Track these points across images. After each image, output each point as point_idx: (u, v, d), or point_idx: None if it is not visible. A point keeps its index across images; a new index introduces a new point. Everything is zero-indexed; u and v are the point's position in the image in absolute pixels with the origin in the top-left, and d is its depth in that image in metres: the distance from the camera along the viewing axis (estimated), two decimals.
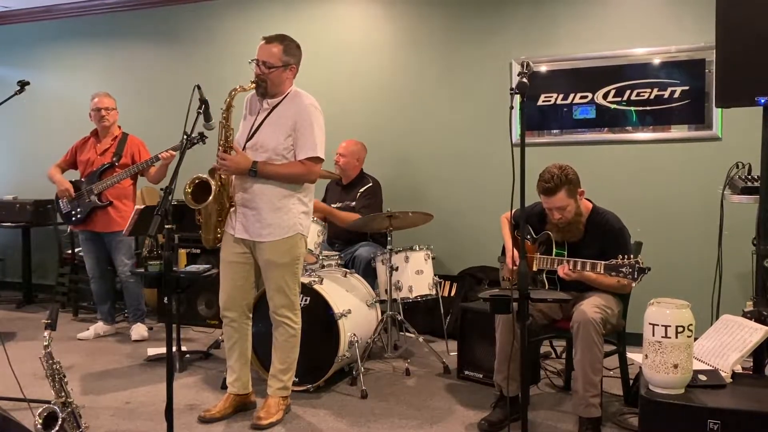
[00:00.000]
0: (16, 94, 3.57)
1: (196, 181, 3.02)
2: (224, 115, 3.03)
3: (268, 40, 3.10)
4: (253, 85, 3.05)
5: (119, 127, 4.73)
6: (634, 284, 2.88)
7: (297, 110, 3.07)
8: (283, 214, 3.07)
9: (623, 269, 2.83)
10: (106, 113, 4.60)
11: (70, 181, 4.64)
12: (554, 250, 3.18)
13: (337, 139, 4.78)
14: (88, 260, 4.74)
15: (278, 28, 5.41)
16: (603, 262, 2.91)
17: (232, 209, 3.13)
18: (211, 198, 2.98)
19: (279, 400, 3.18)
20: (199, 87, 2.87)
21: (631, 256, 2.87)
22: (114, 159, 4.55)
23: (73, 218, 4.61)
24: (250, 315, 3.28)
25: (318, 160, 3.10)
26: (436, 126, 5.05)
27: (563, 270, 3.00)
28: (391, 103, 5.17)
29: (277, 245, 3.07)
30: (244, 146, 3.09)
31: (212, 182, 2.98)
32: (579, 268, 2.98)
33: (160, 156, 4.31)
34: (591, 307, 2.91)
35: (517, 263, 2.33)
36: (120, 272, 4.68)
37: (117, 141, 4.63)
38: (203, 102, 2.85)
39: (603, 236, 3.09)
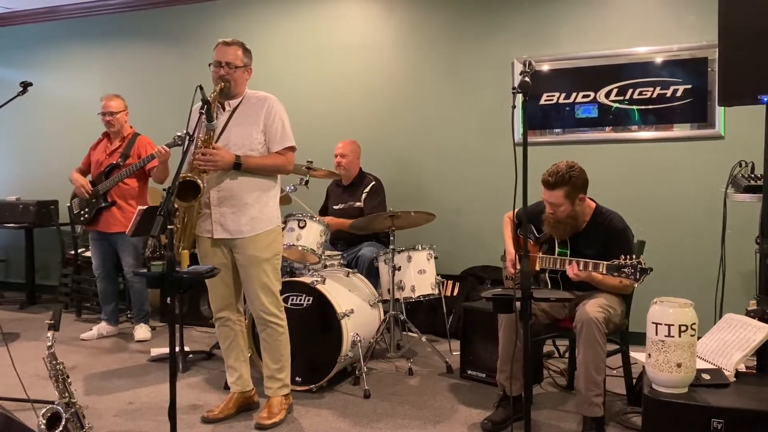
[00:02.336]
0: (19, 95, 3.58)
1: (181, 181, 2.94)
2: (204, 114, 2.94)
3: (228, 43, 3.11)
4: (223, 85, 3.03)
5: (131, 126, 4.72)
6: (636, 285, 2.87)
7: (261, 107, 3.09)
8: (263, 207, 3.11)
9: (625, 269, 2.83)
10: (111, 118, 4.59)
11: (91, 182, 4.64)
12: (557, 249, 3.18)
13: (339, 138, 4.79)
14: (95, 259, 4.76)
15: (280, 28, 5.46)
16: (605, 263, 2.90)
17: (204, 212, 3.09)
18: (201, 194, 2.94)
19: (281, 399, 3.19)
20: (201, 87, 2.87)
21: (634, 256, 2.87)
22: (120, 159, 4.56)
23: (82, 218, 4.64)
24: (242, 312, 3.32)
25: (293, 149, 3.16)
26: (438, 125, 5.05)
27: (573, 270, 2.99)
28: (393, 103, 5.17)
29: (260, 239, 3.09)
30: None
31: (200, 181, 2.94)
32: (582, 268, 2.98)
33: (154, 153, 4.31)
34: (594, 306, 2.91)
35: (518, 265, 2.32)
36: (126, 272, 4.71)
37: (126, 141, 4.63)
38: (206, 102, 2.85)
39: (606, 236, 3.08)
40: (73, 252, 5.44)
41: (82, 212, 4.62)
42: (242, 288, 3.22)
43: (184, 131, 2.98)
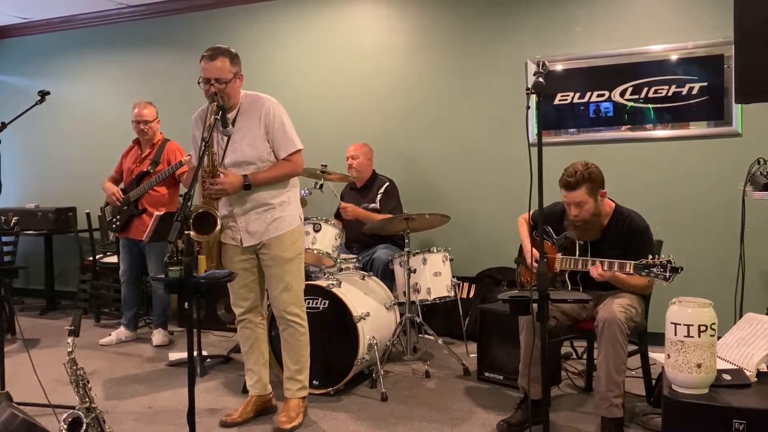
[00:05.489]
0: (36, 104, 3.62)
1: (197, 212, 2.94)
2: (205, 137, 2.85)
3: (212, 56, 2.95)
4: (216, 106, 2.89)
5: (161, 133, 4.75)
6: (666, 284, 2.82)
7: (260, 113, 3.05)
8: (285, 206, 3.13)
9: (654, 269, 2.80)
10: (145, 127, 4.62)
11: (122, 189, 4.68)
12: (577, 250, 3.15)
13: (353, 141, 4.80)
14: (122, 264, 4.81)
15: (292, 33, 5.48)
16: (632, 262, 2.87)
17: (229, 223, 3.11)
18: (218, 227, 2.94)
19: (299, 402, 3.20)
20: (216, 94, 2.89)
21: (661, 255, 2.84)
22: (150, 167, 4.59)
23: (114, 225, 4.70)
24: (265, 315, 3.33)
25: (299, 151, 3.14)
26: (452, 127, 5.04)
27: (597, 270, 2.96)
28: (407, 105, 5.17)
29: (285, 239, 3.10)
30: (221, 163, 3.05)
31: (214, 212, 2.94)
32: (606, 268, 2.95)
33: (183, 160, 4.34)
34: (616, 306, 2.89)
35: (537, 264, 2.31)
36: (151, 278, 4.76)
37: (156, 148, 4.66)
38: (220, 108, 2.86)
39: (627, 236, 3.06)
40: (91, 258, 5.50)
41: (114, 219, 4.68)
42: (263, 289, 3.25)
43: (202, 136, 2.97)
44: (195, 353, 3.84)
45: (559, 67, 4.66)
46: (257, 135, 3.05)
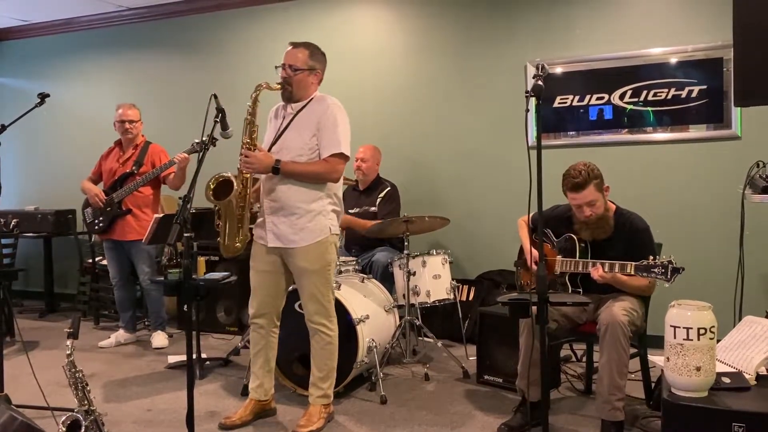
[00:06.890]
0: (36, 106, 3.62)
1: (220, 179, 3.00)
2: (250, 111, 3.01)
3: (295, 45, 3.14)
4: (279, 86, 3.04)
5: (143, 135, 4.77)
6: (667, 285, 2.82)
7: (320, 110, 3.07)
8: (314, 216, 3.07)
9: (655, 269, 2.80)
10: (130, 126, 4.64)
11: (104, 191, 4.68)
12: (578, 252, 3.14)
13: (353, 144, 4.79)
14: (111, 268, 4.79)
15: (293, 36, 5.44)
16: (633, 263, 2.87)
17: (260, 220, 3.13)
18: (232, 194, 2.95)
19: (320, 408, 3.17)
20: (215, 96, 2.89)
21: (662, 256, 2.84)
22: (134, 167, 4.60)
23: (96, 227, 4.67)
24: (278, 324, 3.28)
25: (342, 156, 3.07)
26: (452, 130, 5.04)
27: (598, 272, 2.96)
28: (406, 108, 5.17)
29: (309, 251, 3.06)
30: (269, 150, 3.09)
31: (234, 180, 2.97)
32: (607, 269, 2.95)
33: (174, 159, 4.35)
34: (619, 309, 2.89)
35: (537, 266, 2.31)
36: (141, 280, 4.74)
37: (139, 149, 4.67)
38: (220, 111, 2.87)
39: (628, 237, 3.07)
40: (90, 260, 5.50)
41: (96, 221, 4.66)
42: (283, 297, 3.25)
43: (201, 138, 2.99)
44: (194, 356, 3.84)
45: (558, 69, 4.67)
46: (307, 128, 3.06)
